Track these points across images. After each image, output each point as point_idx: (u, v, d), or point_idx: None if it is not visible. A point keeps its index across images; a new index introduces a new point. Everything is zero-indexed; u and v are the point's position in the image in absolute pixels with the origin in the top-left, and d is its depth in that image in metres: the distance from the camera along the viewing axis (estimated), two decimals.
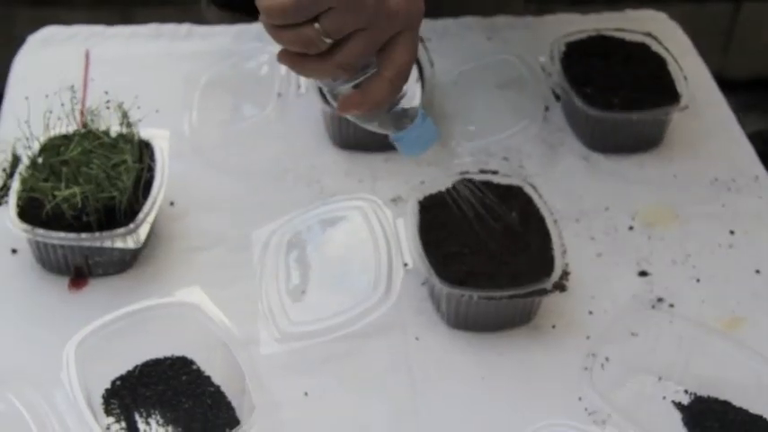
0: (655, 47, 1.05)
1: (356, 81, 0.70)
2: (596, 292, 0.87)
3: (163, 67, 1.08)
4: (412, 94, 0.73)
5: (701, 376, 0.79)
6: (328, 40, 0.66)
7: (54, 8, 2.00)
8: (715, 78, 2.30)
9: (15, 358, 0.79)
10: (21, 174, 0.85)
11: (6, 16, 2.03)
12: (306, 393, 0.78)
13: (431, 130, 0.75)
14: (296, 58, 0.68)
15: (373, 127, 0.74)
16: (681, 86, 1.00)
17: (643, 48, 1.05)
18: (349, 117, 0.73)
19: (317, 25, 0.65)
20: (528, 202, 0.87)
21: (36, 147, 0.87)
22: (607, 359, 0.81)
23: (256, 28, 1.12)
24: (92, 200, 0.82)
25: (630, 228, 0.93)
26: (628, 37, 1.07)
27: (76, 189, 0.81)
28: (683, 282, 0.88)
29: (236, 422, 0.74)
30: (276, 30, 0.67)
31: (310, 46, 0.66)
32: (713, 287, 0.88)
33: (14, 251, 0.88)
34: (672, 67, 1.03)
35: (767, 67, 2.34)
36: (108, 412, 0.76)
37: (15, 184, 0.85)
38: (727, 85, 2.33)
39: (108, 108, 0.87)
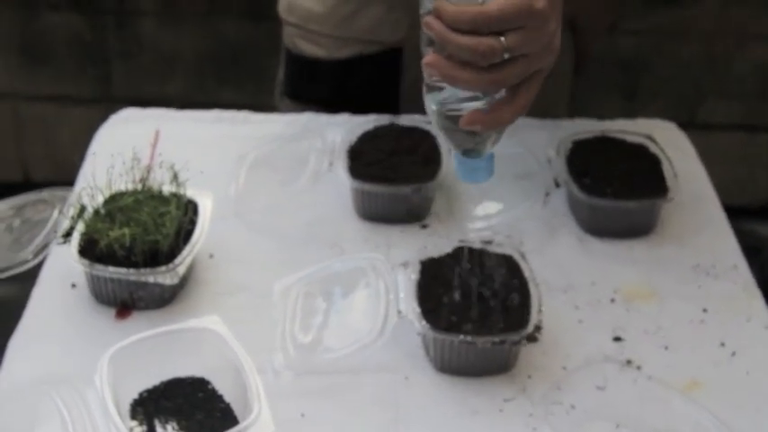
0: (653, 148, 1.17)
1: (486, 101, 0.76)
2: (572, 352, 0.97)
3: (220, 145, 1.24)
4: (501, 133, 0.81)
5: (655, 427, 0.89)
6: (506, 56, 0.72)
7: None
8: (765, 205, 2.38)
9: (64, 367, 0.94)
10: (84, 220, 1.01)
11: None
12: (303, 415, 0.90)
13: (488, 171, 0.85)
14: (451, 65, 0.72)
15: (454, 140, 0.81)
16: (671, 183, 1.12)
17: (642, 148, 1.18)
18: (440, 130, 0.80)
19: (503, 39, 0.71)
20: (516, 268, 0.99)
21: (100, 198, 1.03)
22: (572, 407, 0.91)
23: (306, 117, 1.29)
24: (139, 242, 0.97)
25: (612, 300, 1.04)
26: (629, 138, 1.19)
27: (126, 230, 0.96)
28: (652, 348, 0.98)
29: None
30: (452, 33, 0.71)
31: (487, 56, 0.71)
32: (679, 354, 0.97)
33: (74, 285, 1.03)
34: (665, 166, 1.14)
35: None
36: (133, 417, 0.89)
37: (79, 227, 1.01)
38: None
39: (160, 167, 1.03)
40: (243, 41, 2.17)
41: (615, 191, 1.11)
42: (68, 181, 1.16)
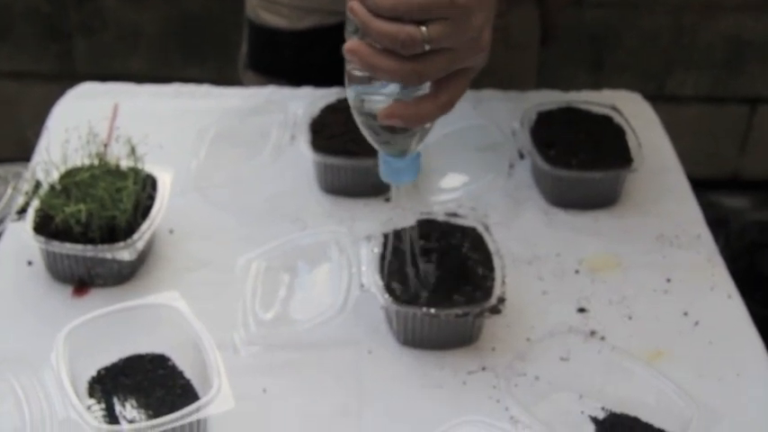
0: (617, 119, 1.17)
1: (410, 94, 0.74)
2: (536, 323, 0.96)
3: (181, 119, 1.22)
4: (426, 132, 0.79)
5: (618, 396, 0.88)
6: (427, 47, 0.69)
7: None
8: (732, 177, 2.40)
9: (20, 346, 0.92)
10: (39, 196, 0.99)
11: None
12: (264, 390, 0.89)
13: (413, 172, 0.82)
14: (372, 52, 0.70)
15: (376, 139, 0.79)
16: (635, 153, 1.11)
17: (606, 119, 1.17)
18: (361, 122, 0.78)
19: (424, 29, 0.69)
20: (479, 240, 0.98)
21: (55, 174, 1.01)
22: (536, 378, 0.91)
23: (268, 90, 1.27)
24: (96, 217, 0.95)
25: (576, 271, 1.03)
26: (594, 109, 1.18)
27: (82, 206, 0.94)
28: (616, 319, 0.97)
29: None
30: (374, 19, 0.69)
31: (407, 45, 0.69)
32: (643, 324, 0.97)
33: (30, 263, 1.01)
34: (629, 137, 1.14)
35: None
36: (91, 395, 0.87)
37: (34, 204, 0.99)
38: (744, 184, 2.43)
39: (117, 142, 1.01)
40: (207, 15, 2.14)
41: (580, 162, 1.10)
42: (29, 158, 1.14)
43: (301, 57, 1.28)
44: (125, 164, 1.02)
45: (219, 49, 2.11)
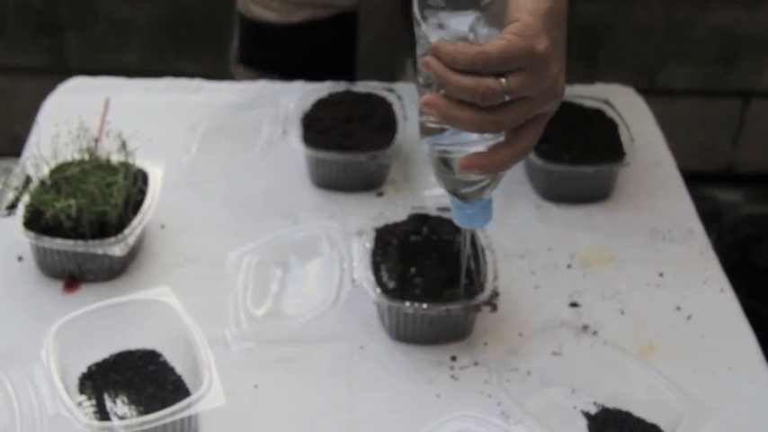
0: (610, 113, 1.16)
1: (486, 144, 0.74)
2: (528, 318, 0.96)
3: (172, 114, 1.22)
4: (500, 179, 0.79)
5: (611, 391, 0.88)
6: (507, 98, 0.69)
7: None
8: (725, 171, 2.39)
9: (10, 342, 0.91)
10: (30, 191, 0.99)
11: None
12: (256, 386, 0.89)
13: (486, 216, 0.81)
14: (450, 104, 0.70)
15: (449, 185, 0.78)
16: (628, 147, 1.11)
17: (599, 113, 1.17)
18: (439, 175, 0.77)
19: (503, 80, 0.68)
20: (471, 235, 0.97)
21: (45, 169, 1.00)
22: (528, 373, 0.91)
23: (260, 85, 1.27)
24: (86, 212, 0.95)
25: (569, 266, 1.03)
26: (587, 103, 1.18)
27: (72, 201, 0.94)
28: (608, 313, 0.97)
29: None
30: (452, 74, 0.68)
31: (487, 97, 0.68)
32: (635, 319, 0.97)
33: (20, 258, 1.00)
34: (622, 131, 1.14)
35: None
36: (82, 391, 0.87)
37: (25, 199, 0.99)
38: (737, 177, 2.42)
39: (108, 136, 1.00)
40: (200, 9, 2.13)
41: (572, 156, 1.10)
42: (20, 154, 1.13)
43: (293, 51, 1.28)
44: (116, 158, 1.01)
45: (212, 44, 2.10)
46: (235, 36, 1.35)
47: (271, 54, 1.29)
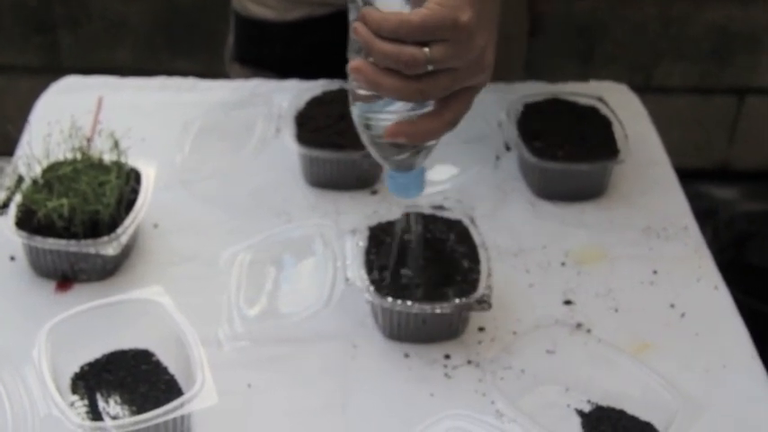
0: (603, 110, 1.16)
1: (415, 112, 0.75)
2: (522, 316, 0.96)
3: (166, 113, 1.21)
4: (431, 149, 0.81)
5: (604, 389, 0.88)
6: (430, 67, 0.71)
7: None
8: (721, 168, 2.40)
9: (2, 342, 0.91)
10: (22, 191, 0.98)
11: None
12: (249, 385, 0.89)
13: (420, 185, 0.83)
14: (376, 71, 0.72)
15: (384, 158, 0.80)
16: (622, 145, 1.11)
17: (593, 110, 1.17)
18: (366, 139, 0.78)
19: (426, 50, 0.70)
20: (465, 233, 0.98)
21: (38, 168, 1.00)
22: (522, 371, 0.90)
23: (253, 83, 1.26)
24: (79, 212, 0.95)
25: (563, 263, 1.03)
26: (580, 100, 1.18)
27: (65, 200, 0.94)
28: (602, 311, 0.97)
29: None
30: (377, 40, 0.70)
31: (410, 66, 0.70)
32: (629, 317, 0.97)
33: (12, 258, 1.00)
34: (616, 128, 1.13)
35: None
36: (74, 391, 0.86)
37: (17, 199, 0.98)
38: (733, 174, 2.43)
39: (100, 136, 1.00)
40: (195, 7, 2.13)
41: (566, 154, 1.09)
42: (12, 153, 1.13)
43: (289, 49, 1.28)
44: (108, 158, 1.01)
45: (207, 42, 2.09)
46: (230, 34, 1.35)
47: (267, 52, 1.29)
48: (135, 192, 1.00)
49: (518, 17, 1.36)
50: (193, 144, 1.16)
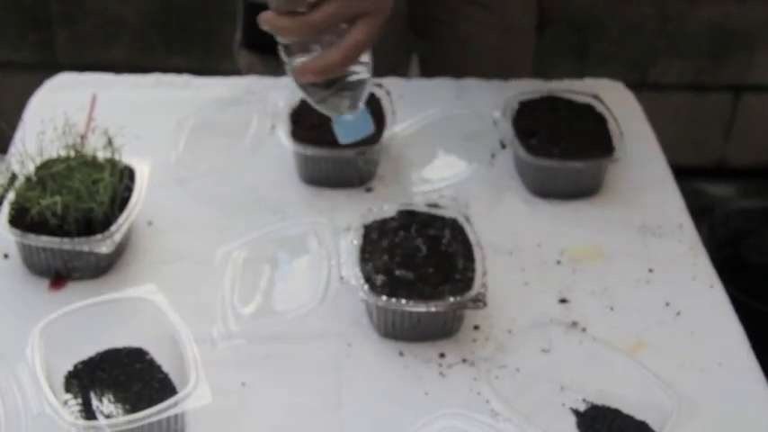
0: (599, 108, 1.16)
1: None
2: (517, 314, 0.96)
3: (160, 110, 1.21)
4: (358, 77, 0.83)
5: (600, 388, 0.88)
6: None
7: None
8: (717, 165, 2.40)
9: None
10: (15, 188, 0.98)
11: None
12: (243, 384, 0.88)
13: (367, 123, 0.86)
14: (274, 17, 0.79)
15: (320, 105, 0.84)
16: (617, 142, 1.11)
17: (588, 108, 1.16)
18: (303, 94, 0.84)
19: None
20: (460, 231, 0.98)
21: (31, 166, 0.99)
22: (517, 370, 0.90)
23: (248, 80, 1.26)
24: (72, 209, 0.94)
25: (558, 262, 1.02)
26: (576, 98, 1.18)
27: (58, 198, 0.93)
28: (597, 309, 0.97)
29: None
30: None
31: (295, 2, 0.77)
32: (625, 315, 0.96)
33: (6, 256, 1.00)
34: (611, 126, 1.13)
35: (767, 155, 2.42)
36: (68, 390, 0.86)
37: (10, 196, 0.98)
38: (729, 172, 2.43)
39: (93, 133, 1.00)
40: (190, 5, 2.12)
41: (561, 151, 1.09)
42: (5, 150, 1.12)
43: None
44: (102, 155, 1.01)
45: (202, 39, 2.09)
46: (238, 20, 1.34)
47: (273, 37, 1.28)
48: (129, 189, 1.00)
49: (527, 12, 1.35)
50: (188, 141, 1.16)
